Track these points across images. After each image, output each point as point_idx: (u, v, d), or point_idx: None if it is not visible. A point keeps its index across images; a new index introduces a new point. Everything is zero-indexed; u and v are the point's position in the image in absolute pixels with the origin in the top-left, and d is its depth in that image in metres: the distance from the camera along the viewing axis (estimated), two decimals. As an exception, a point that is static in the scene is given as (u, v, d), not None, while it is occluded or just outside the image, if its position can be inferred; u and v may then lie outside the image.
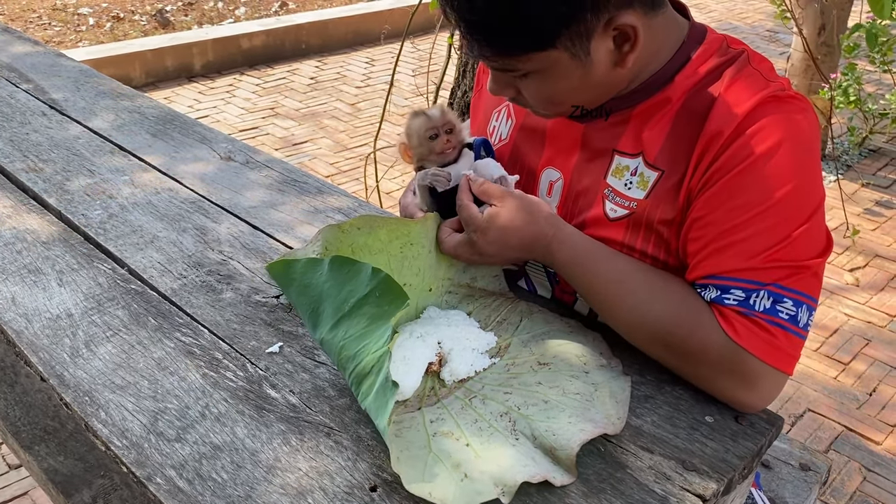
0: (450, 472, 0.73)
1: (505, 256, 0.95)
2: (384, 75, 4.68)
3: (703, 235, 0.84)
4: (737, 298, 0.82)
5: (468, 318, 0.95)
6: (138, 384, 0.87)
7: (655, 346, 0.89)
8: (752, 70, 0.86)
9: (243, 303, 1.01)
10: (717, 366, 0.84)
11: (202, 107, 4.17)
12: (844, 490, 1.99)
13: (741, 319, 0.82)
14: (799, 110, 0.83)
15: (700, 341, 0.84)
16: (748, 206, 0.81)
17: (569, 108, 0.91)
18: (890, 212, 3.35)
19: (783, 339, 0.82)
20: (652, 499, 0.74)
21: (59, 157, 1.40)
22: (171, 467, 0.76)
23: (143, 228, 1.18)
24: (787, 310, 0.82)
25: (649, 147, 0.90)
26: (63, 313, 0.98)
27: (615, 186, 0.92)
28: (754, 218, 0.81)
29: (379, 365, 0.78)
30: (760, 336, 0.81)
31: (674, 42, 0.89)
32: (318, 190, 1.32)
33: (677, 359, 0.88)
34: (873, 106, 3.73)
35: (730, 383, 0.84)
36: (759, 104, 0.82)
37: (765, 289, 0.81)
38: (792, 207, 0.81)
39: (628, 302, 0.89)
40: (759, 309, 0.81)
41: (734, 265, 0.82)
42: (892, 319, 2.67)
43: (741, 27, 5.90)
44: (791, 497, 1.17)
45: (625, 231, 0.92)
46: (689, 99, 0.87)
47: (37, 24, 5.29)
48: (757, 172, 0.81)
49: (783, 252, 0.81)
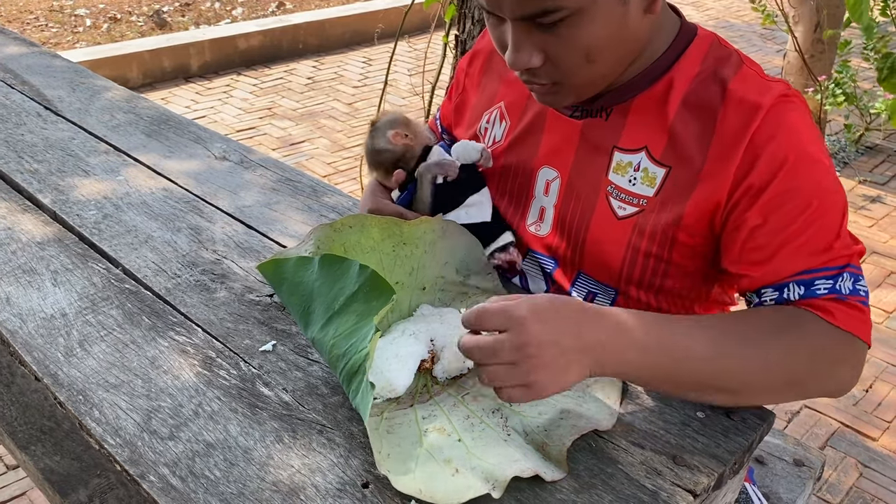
0: (441, 467, 0.73)
1: (563, 364, 0.74)
2: (381, 75, 4.68)
3: (770, 242, 0.85)
4: (826, 287, 0.84)
5: (461, 314, 0.96)
6: (132, 383, 0.87)
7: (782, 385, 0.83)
8: (750, 70, 0.88)
9: (237, 302, 1.01)
10: (836, 358, 0.84)
11: (199, 107, 4.17)
12: (841, 486, 2.00)
13: (837, 306, 0.84)
14: (805, 108, 0.87)
15: (817, 342, 0.83)
16: (804, 203, 0.84)
17: (601, 72, 0.86)
18: (886, 208, 3.35)
19: (867, 314, 0.86)
20: (643, 494, 0.74)
21: (54, 157, 1.40)
22: (164, 465, 0.77)
23: (137, 228, 1.18)
24: (862, 287, 0.86)
25: (653, 143, 0.90)
26: (57, 313, 0.99)
27: (619, 184, 0.93)
28: (814, 213, 0.84)
29: (365, 364, 0.78)
30: (856, 316, 0.84)
31: (668, 34, 0.91)
32: (312, 189, 1.33)
33: (800, 368, 0.83)
34: (868, 103, 3.74)
35: (846, 370, 0.85)
36: (774, 105, 0.84)
37: (844, 271, 0.85)
38: (835, 195, 0.86)
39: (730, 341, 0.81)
40: (846, 292, 0.84)
41: (816, 260, 0.84)
42: (889, 316, 2.67)
43: (738, 25, 5.90)
44: (785, 492, 1.18)
45: (632, 229, 0.92)
46: (690, 93, 0.89)
47: (34, 25, 5.29)
48: (802, 171, 0.84)
49: (843, 238, 0.85)
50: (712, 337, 0.80)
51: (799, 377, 0.83)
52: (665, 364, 0.79)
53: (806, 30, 3.50)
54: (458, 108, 1.16)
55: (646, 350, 0.78)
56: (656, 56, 0.90)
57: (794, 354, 0.82)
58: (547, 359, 0.73)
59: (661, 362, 0.78)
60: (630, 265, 0.93)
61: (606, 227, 0.94)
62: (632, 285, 0.95)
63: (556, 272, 1.01)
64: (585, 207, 0.96)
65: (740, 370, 0.80)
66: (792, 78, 3.62)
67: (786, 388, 0.83)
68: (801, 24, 3.52)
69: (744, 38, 5.56)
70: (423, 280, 0.98)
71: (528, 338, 0.73)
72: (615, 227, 0.93)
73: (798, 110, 0.86)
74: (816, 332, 0.83)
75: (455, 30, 2.48)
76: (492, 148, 1.06)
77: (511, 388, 0.74)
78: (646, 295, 0.95)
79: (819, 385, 0.85)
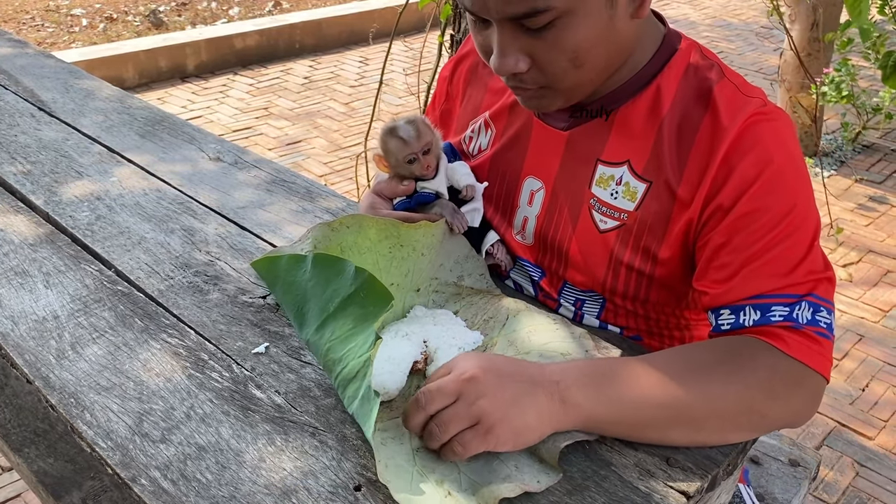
0: (434, 487, 0.73)
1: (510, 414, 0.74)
2: (378, 74, 4.67)
3: (732, 261, 0.84)
4: (781, 314, 0.81)
5: (454, 316, 0.95)
6: (124, 385, 0.87)
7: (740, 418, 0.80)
8: (730, 84, 0.87)
9: (230, 303, 1.01)
10: (785, 385, 0.81)
11: (196, 107, 4.17)
12: (837, 486, 2.00)
13: (791, 335, 0.81)
14: (783, 125, 0.85)
15: (765, 369, 0.80)
16: (770, 224, 0.82)
17: (588, 76, 0.85)
18: (883, 207, 3.36)
19: (826, 347, 0.82)
20: (636, 496, 0.74)
21: (48, 158, 1.39)
22: (155, 468, 0.76)
23: (130, 230, 1.18)
24: (824, 319, 0.82)
25: (636, 157, 0.90)
26: (49, 315, 0.98)
27: (601, 196, 0.92)
28: (778, 235, 0.82)
29: (364, 369, 0.78)
30: (812, 348, 0.81)
31: (651, 42, 0.90)
32: (306, 190, 1.32)
33: (761, 403, 0.80)
34: (867, 101, 3.74)
35: (799, 398, 0.82)
36: (748, 123, 0.83)
37: (804, 300, 0.82)
38: (806, 219, 0.83)
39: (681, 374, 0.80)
40: (803, 321, 0.81)
41: (774, 284, 0.82)
42: (885, 315, 2.67)
43: (735, 24, 5.90)
44: (780, 493, 1.18)
45: (614, 242, 0.92)
46: (674, 107, 0.88)
47: (30, 25, 5.28)
48: (770, 192, 0.82)
49: (810, 263, 0.82)
50: (661, 378, 0.79)
51: (755, 408, 0.79)
52: (621, 412, 0.77)
53: (802, 29, 3.50)
54: (443, 118, 1.15)
55: (602, 388, 0.77)
56: (640, 65, 0.90)
57: (747, 387, 0.79)
58: (489, 388, 0.74)
59: (618, 399, 0.77)
60: (613, 277, 0.93)
61: (589, 240, 0.93)
62: (616, 296, 0.95)
63: (543, 281, 1.01)
64: (568, 219, 0.95)
65: (694, 408, 0.78)
66: (789, 77, 3.62)
67: (745, 422, 0.80)
68: (797, 23, 3.52)
69: (741, 37, 5.56)
70: (418, 282, 0.98)
71: (469, 373, 0.75)
72: (597, 241, 0.93)
73: (774, 127, 0.84)
74: (768, 362, 0.80)
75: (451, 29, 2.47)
76: (477, 158, 1.05)
77: (462, 434, 0.73)
78: (632, 304, 0.95)
79: (778, 414, 0.81)
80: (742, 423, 0.80)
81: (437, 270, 0.99)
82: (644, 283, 0.92)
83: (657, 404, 0.77)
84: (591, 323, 0.99)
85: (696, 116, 0.86)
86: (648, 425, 0.78)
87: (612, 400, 0.77)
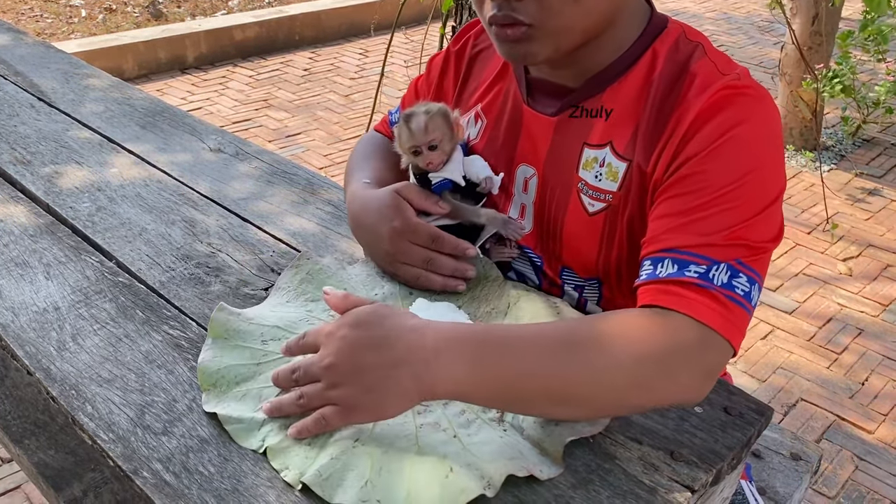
0: (435, 467, 0.72)
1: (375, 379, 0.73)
2: (378, 66, 4.66)
3: (666, 214, 0.83)
4: (697, 272, 0.79)
5: (457, 308, 0.95)
6: (125, 377, 0.86)
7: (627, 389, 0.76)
8: (709, 62, 0.87)
9: (231, 295, 1.01)
10: (690, 351, 0.77)
11: (195, 99, 4.15)
12: (837, 479, 2.00)
13: (697, 295, 0.78)
14: (756, 99, 0.84)
15: (658, 337, 0.76)
16: (712, 188, 0.81)
17: (581, 18, 0.84)
18: (883, 201, 3.35)
19: (736, 314, 0.79)
20: (640, 490, 0.74)
21: (48, 149, 1.39)
22: (157, 461, 0.76)
23: (131, 221, 1.17)
24: (741, 285, 0.79)
25: (617, 138, 0.90)
26: (50, 306, 0.98)
27: (587, 179, 0.92)
28: (718, 199, 0.80)
29: None
30: (717, 310, 0.78)
31: (638, 22, 0.91)
32: (307, 182, 1.32)
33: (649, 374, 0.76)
34: (866, 96, 3.73)
35: (690, 366, 0.77)
36: (717, 96, 0.83)
37: (725, 263, 0.79)
38: (755, 191, 0.81)
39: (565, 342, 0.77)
40: (718, 283, 0.78)
41: (694, 240, 0.80)
42: (885, 309, 2.67)
43: (736, 17, 5.89)
44: (782, 486, 1.17)
45: (603, 225, 0.92)
46: (656, 88, 0.88)
47: (28, 16, 5.26)
48: (722, 157, 0.81)
49: (742, 232, 0.80)
50: (541, 346, 0.76)
51: (642, 380, 0.76)
52: (499, 378, 0.74)
53: (804, 22, 3.49)
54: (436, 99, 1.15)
55: (478, 363, 0.74)
56: (626, 45, 0.90)
57: (636, 361, 0.75)
58: (345, 369, 0.74)
59: (494, 376, 0.74)
60: (605, 260, 0.93)
61: (580, 224, 0.94)
62: (611, 279, 0.95)
63: (545, 266, 1.01)
64: (560, 204, 0.96)
65: (578, 385, 0.75)
66: (790, 70, 3.61)
67: (633, 393, 0.76)
68: (798, 17, 3.51)
69: (741, 31, 5.55)
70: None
71: (329, 349, 0.75)
72: (587, 224, 0.93)
73: (743, 100, 0.83)
74: (657, 328, 0.77)
75: (452, 21, 2.46)
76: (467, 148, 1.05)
77: (324, 410, 0.74)
78: (627, 287, 0.94)
79: (666, 388, 0.77)
80: (629, 396, 0.76)
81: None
82: (635, 265, 0.91)
83: (536, 385, 0.75)
84: (594, 310, 0.99)
85: (674, 95, 0.86)
86: (527, 402, 0.76)
87: (487, 379, 0.74)
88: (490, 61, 1.06)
